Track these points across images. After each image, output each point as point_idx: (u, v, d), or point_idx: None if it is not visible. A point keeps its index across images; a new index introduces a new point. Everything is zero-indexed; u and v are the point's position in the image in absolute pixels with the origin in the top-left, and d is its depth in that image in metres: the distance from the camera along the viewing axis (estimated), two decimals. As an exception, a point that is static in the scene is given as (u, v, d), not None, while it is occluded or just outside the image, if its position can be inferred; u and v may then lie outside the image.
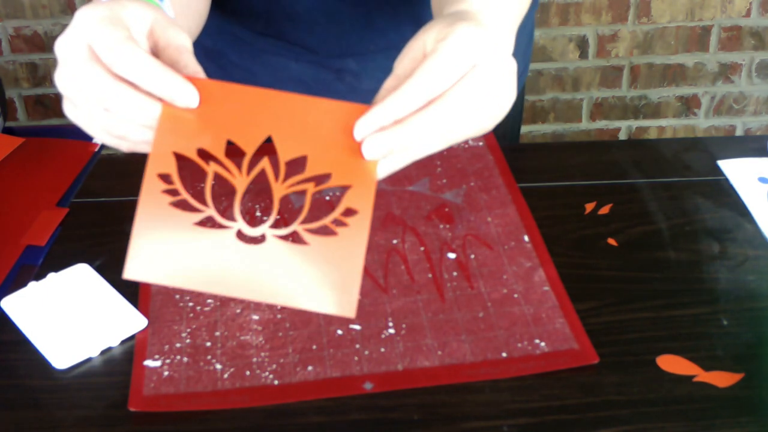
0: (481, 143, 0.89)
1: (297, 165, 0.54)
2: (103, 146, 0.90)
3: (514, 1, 0.64)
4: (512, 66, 0.57)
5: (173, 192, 0.54)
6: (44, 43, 2.02)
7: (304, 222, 0.54)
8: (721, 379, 0.64)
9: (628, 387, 0.63)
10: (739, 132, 2.28)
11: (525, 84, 1.07)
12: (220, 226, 0.54)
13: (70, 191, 0.84)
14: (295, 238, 0.54)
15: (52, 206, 0.81)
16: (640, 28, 2.09)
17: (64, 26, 1.99)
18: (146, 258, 0.53)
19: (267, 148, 0.54)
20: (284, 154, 0.54)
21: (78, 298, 0.70)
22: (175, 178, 0.54)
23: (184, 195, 0.54)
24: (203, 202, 0.54)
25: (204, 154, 0.54)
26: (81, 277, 0.72)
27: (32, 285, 0.71)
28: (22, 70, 2.06)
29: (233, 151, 0.54)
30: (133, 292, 0.71)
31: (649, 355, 0.66)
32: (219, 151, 0.54)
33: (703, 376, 0.64)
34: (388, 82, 0.55)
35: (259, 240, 0.54)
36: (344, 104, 0.54)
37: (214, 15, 0.77)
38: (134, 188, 0.55)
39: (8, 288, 0.72)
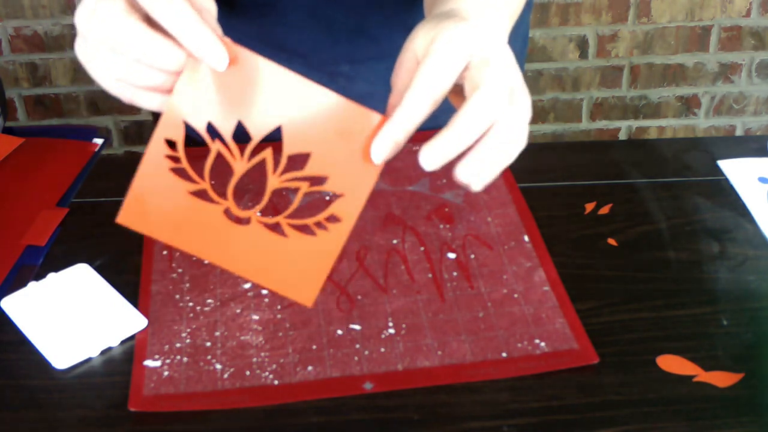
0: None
1: (298, 160, 0.55)
2: (103, 146, 0.90)
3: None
4: (509, 52, 0.56)
5: (175, 159, 0.56)
6: (44, 43, 2.02)
7: (289, 216, 0.57)
8: (721, 379, 0.64)
9: (628, 387, 0.63)
10: (739, 132, 2.28)
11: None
12: (211, 201, 0.57)
13: (70, 191, 0.84)
14: (276, 228, 0.57)
15: (52, 206, 0.81)
16: (640, 28, 2.09)
17: (64, 26, 1.99)
18: (140, 210, 0.56)
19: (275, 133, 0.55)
20: (289, 147, 0.55)
21: (78, 298, 0.70)
22: (180, 146, 0.56)
23: (185, 165, 0.56)
24: (201, 175, 0.57)
25: (212, 130, 0.55)
26: (81, 277, 0.72)
27: (32, 285, 0.71)
28: (22, 70, 2.06)
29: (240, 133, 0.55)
30: (133, 292, 0.71)
31: (649, 355, 0.66)
32: (227, 131, 0.55)
33: (703, 376, 0.64)
34: (391, 99, 0.56)
35: (244, 222, 0.57)
36: (359, 108, 0.54)
37: None
38: (134, 188, 0.55)
39: (8, 288, 0.72)
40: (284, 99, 0.54)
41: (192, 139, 0.56)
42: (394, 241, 0.77)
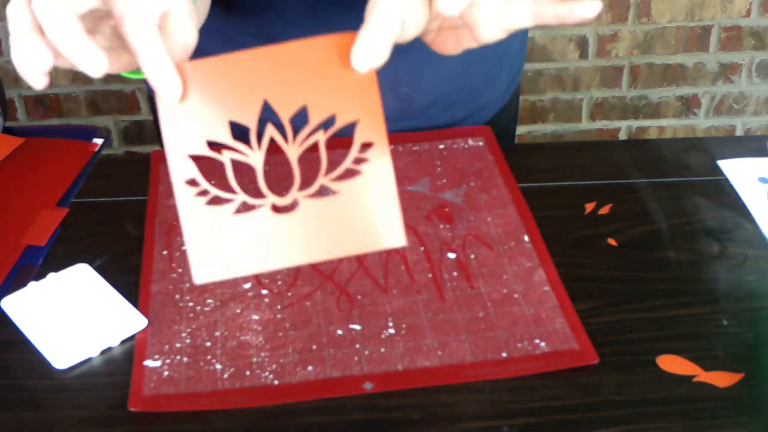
0: (481, 143, 0.89)
1: (300, 118, 0.55)
2: (103, 146, 0.90)
3: None
4: None
5: (204, 192, 0.55)
6: (44, 43, 2.02)
7: (326, 173, 0.55)
8: (721, 379, 0.64)
9: (628, 387, 0.63)
10: (739, 132, 2.28)
11: (520, 84, 1.07)
12: (254, 207, 0.56)
13: (70, 191, 0.84)
14: (323, 191, 0.55)
15: (52, 206, 0.81)
16: (640, 28, 2.09)
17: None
18: (207, 260, 0.55)
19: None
20: (284, 112, 0.55)
21: (78, 298, 0.70)
22: (200, 179, 0.55)
23: (215, 192, 0.56)
24: (231, 191, 0.56)
25: (214, 146, 0.55)
26: (81, 277, 0.72)
27: (32, 285, 0.71)
28: (22, 70, 2.06)
29: (239, 129, 0.55)
30: (133, 292, 0.71)
31: (649, 355, 0.66)
32: (226, 136, 0.55)
33: (703, 376, 0.64)
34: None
35: (293, 206, 0.56)
36: (326, 39, 0.54)
37: None
38: (134, 188, 0.55)
39: (8, 288, 0.72)
40: (255, 75, 0.54)
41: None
42: (394, 241, 0.77)
